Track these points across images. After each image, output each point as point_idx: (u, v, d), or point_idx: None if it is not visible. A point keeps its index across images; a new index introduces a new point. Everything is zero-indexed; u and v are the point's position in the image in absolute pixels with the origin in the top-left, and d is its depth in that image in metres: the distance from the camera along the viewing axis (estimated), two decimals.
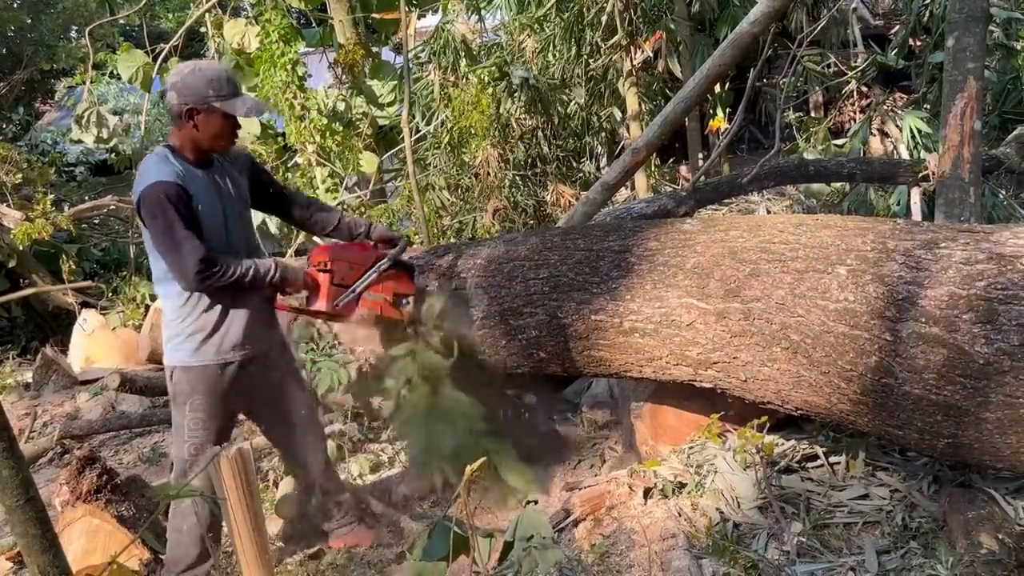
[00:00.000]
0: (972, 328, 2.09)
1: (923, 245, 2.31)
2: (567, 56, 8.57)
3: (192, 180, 2.62)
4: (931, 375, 2.15)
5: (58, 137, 12.21)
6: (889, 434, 2.40)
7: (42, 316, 7.95)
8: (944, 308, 2.15)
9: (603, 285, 2.96)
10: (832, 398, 2.43)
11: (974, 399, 2.10)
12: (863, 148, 7.64)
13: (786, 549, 2.67)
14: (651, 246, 2.93)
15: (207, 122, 2.63)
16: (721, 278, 2.65)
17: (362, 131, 8.61)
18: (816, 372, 2.42)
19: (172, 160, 2.62)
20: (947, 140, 4.06)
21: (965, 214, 3.97)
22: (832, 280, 2.39)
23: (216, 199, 2.69)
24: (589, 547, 2.80)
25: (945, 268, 2.21)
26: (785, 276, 2.50)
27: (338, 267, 2.79)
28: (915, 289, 2.22)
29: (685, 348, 2.77)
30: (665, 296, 2.79)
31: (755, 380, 2.63)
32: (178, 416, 2.74)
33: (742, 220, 2.87)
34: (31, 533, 1.93)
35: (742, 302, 2.57)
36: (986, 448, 2.16)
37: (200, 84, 2.61)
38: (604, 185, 4.53)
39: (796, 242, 2.56)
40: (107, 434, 4.90)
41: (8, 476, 1.85)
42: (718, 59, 4.23)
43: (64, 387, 5.99)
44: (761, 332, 2.52)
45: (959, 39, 4.03)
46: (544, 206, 8.00)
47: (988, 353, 2.06)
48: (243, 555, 2.41)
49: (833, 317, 2.35)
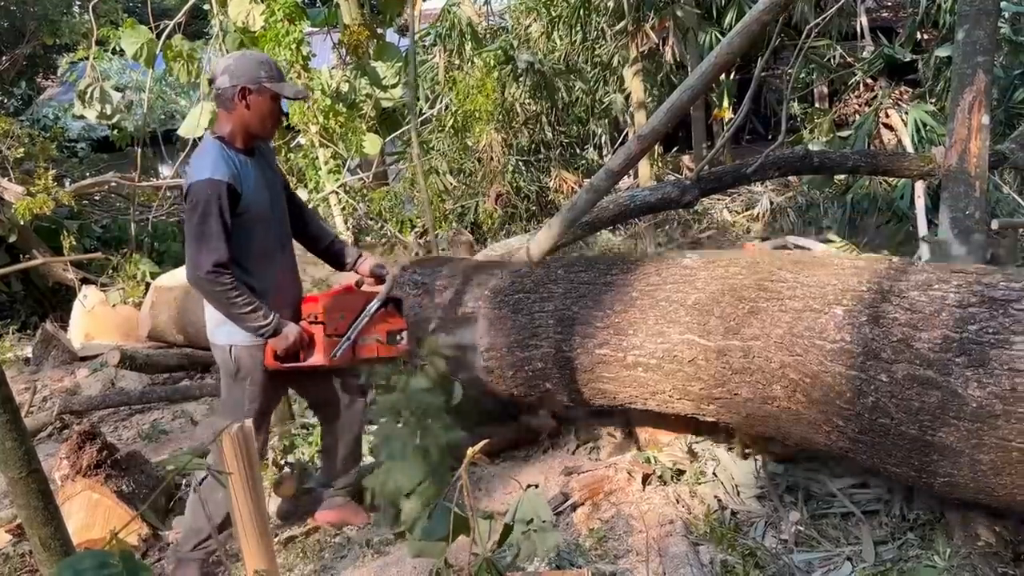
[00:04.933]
0: (965, 372, 2.13)
1: (917, 286, 2.34)
2: (573, 41, 8.53)
3: (244, 172, 2.68)
4: (926, 417, 2.20)
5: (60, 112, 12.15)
6: (887, 471, 2.45)
7: (42, 292, 7.94)
8: (938, 351, 2.19)
9: (607, 319, 3.01)
10: (831, 435, 2.48)
11: (968, 441, 2.14)
12: (868, 140, 7.62)
13: (784, 538, 2.69)
14: (653, 281, 2.98)
15: (258, 103, 2.70)
16: (721, 315, 2.69)
17: (365, 113, 8.56)
18: (815, 410, 2.46)
19: (228, 152, 2.67)
20: (954, 134, 4.05)
21: (970, 208, 3.96)
22: (829, 320, 2.43)
23: (264, 187, 2.75)
24: (587, 531, 2.81)
25: (939, 311, 2.25)
26: (783, 315, 2.54)
27: (330, 318, 2.79)
28: (910, 331, 2.26)
29: (687, 383, 2.82)
30: (667, 332, 2.84)
31: (756, 416, 2.68)
32: (237, 391, 2.79)
33: (741, 256, 2.90)
34: (33, 505, 1.93)
35: (742, 340, 2.62)
36: (981, 487, 2.22)
37: (252, 66, 2.70)
38: (608, 172, 4.49)
39: (794, 280, 2.60)
40: (106, 410, 4.90)
41: (11, 448, 1.86)
42: (726, 47, 4.19)
43: (64, 363, 5.99)
44: (761, 370, 2.56)
45: (969, 32, 4.00)
46: (547, 192, 8.00)
47: (981, 397, 2.10)
48: (243, 533, 2.42)
49: (830, 357, 2.39)
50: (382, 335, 2.92)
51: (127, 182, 8.00)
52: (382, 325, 2.92)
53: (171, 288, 5.71)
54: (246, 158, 2.72)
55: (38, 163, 7.58)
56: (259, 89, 2.68)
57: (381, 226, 7.87)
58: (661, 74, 9.16)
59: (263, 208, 2.73)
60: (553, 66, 8.18)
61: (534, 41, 8.43)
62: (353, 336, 2.82)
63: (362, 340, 2.86)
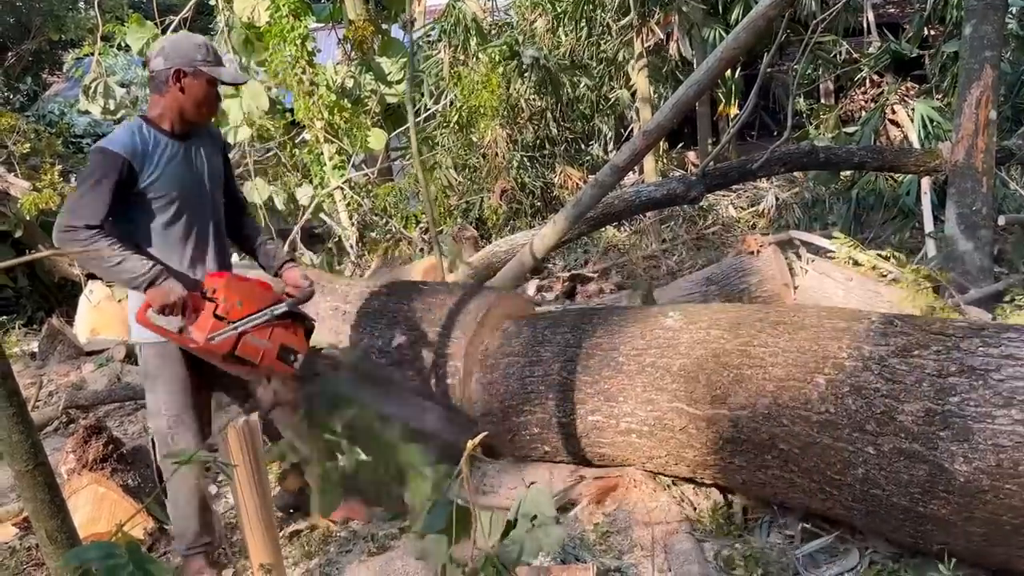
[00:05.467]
0: (950, 446, 2.13)
1: (896, 352, 2.34)
2: (578, 36, 8.51)
3: (158, 151, 2.58)
4: (916, 489, 2.20)
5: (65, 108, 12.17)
6: (884, 535, 2.48)
7: (47, 287, 7.97)
8: (921, 424, 2.19)
9: (596, 386, 3.02)
10: (826, 503, 2.49)
11: (960, 514, 2.14)
12: (875, 136, 7.60)
13: (790, 534, 2.68)
14: (638, 345, 2.97)
15: (193, 86, 2.62)
16: (707, 383, 2.69)
17: (370, 108, 8.57)
18: (807, 480, 2.47)
19: (142, 131, 2.59)
20: (961, 129, 4.04)
21: (977, 204, 3.95)
22: (813, 391, 2.43)
23: (184, 172, 2.65)
24: (592, 527, 2.81)
25: (919, 381, 2.25)
26: (767, 384, 2.54)
27: (226, 298, 2.53)
28: (892, 403, 2.26)
29: (681, 450, 2.82)
30: (656, 400, 2.84)
31: (753, 483, 2.69)
32: (151, 395, 2.72)
33: (722, 315, 2.88)
34: (40, 498, 1.93)
35: (729, 409, 2.62)
36: (976, 557, 2.24)
37: (189, 48, 2.62)
38: (614, 167, 4.50)
39: (775, 345, 2.59)
40: (112, 405, 4.91)
41: (18, 441, 1.86)
42: (732, 42, 4.19)
43: (69, 357, 6.01)
44: (751, 440, 2.57)
45: (976, 27, 3.99)
46: (551, 188, 7.99)
47: (968, 472, 2.10)
48: (249, 527, 2.42)
49: (817, 429, 2.40)
50: (276, 345, 2.61)
51: None
52: (280, 334, 2.63)
53: None
54: (169, 140, 2.62)
55: (44, 159, 7.60)
56: (195, 72, 2.61)
57: (386, 222, 7.88)
58: (666, 69, 9.14)
59: (174, 192, 2.61)
60: (558, 62, 8.16)
61: (539, 36, 8.41)
62: (240, 328, 2.53)
63: (251, 339, 2.55)
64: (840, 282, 4.22)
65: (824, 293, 4.26)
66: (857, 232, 6.63)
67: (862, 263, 4.51)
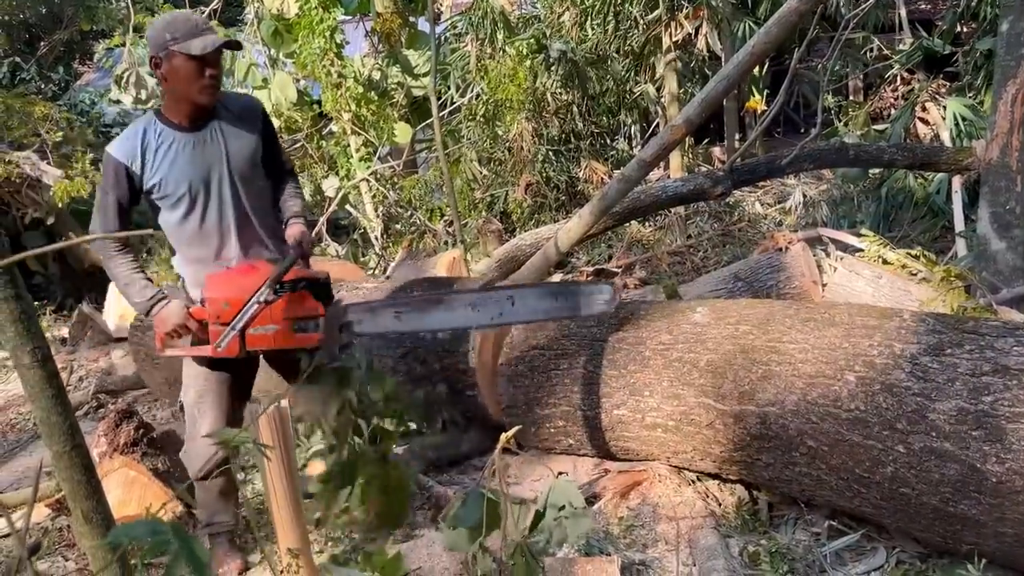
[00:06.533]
0: (983, 446, 2.11)
1: (929, 351, 2.31)
2: (605, 30, 8.47)
3: (163, 150, 2.52)
4: (947, 489, 2.18)
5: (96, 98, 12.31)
6: (912, 535, 2.46)
7: (77, 274, 8.08)
8: (953, 423, 2.17)
9: (622, 380, 3.02)
10: (854, 501, 2.47)
11: (991, 514, 2.13)
12: (905, 134, 7.51)
13: (816, 531, 2.67)
14: (665, 340, 2.96)
15: (173, 69, 2.45)
16: (735, 379, 2.68)
17: (397, 101, 8.60)
18: (835, 477, 2.45)
19: (149, 127, 2.53)
20: (996, 127, 3.98)
21: (1011, 203, 3.90)
22: (843, 388, 2.40)
23: (194, 165, 2.55)
24: (616, 520, 2.82)
25: (952, 380, 2.22)
26: (796, 381, 2.52)
27: (212, 306, 2.51)
28: (924, 402, 2.24)
29: (708, 446, 2.81)
30: (683, 395, 2.83)
31: (780, 479, 2.67)
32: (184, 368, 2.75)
33: (751, 311, 2.85)
34: (76, 479, 1.97)
35: (757, 406, 2.60)
36: (1007, 559, 2.21)
37: (159, 31, 2.46)
38: (640, 162, 4.48)
39: (805, 342, 2.57)
40: (141, 390, 4.98)
41: (56, 423, 1.89)
42: (763, 37, 4.15)
43: (99, 343, 6.10)
44: (779, 436, 2.55)
45: (1013, 23, 3.93)
46: (576, 183, 7.96)
47: (1000, 472, 2.08)
48: (277, 512, 2.45)
49: (846, 427, 2.38)
50: (281, 323, 2.51)
51: None
52: (282, 309, 2.51)
53: None
54: (177, 134, 2.53)
55: (76, 147, 7.69)
56: (168, 55, 2.43)
57: (411, 214, 7.91)
58: (693, 64, 9.08)
59: (183, 188, 2.53)
60: (585, 55, 8.13)
61: (566, 30, 8.38)
62: (239, 327, 2.48)
63: (255, 331, 2.50)
64: (869, 280, 4.18)
65: (853, 291, 4.22)
66: (886, 231, 6.56)
67: (891, 261, 4.46)
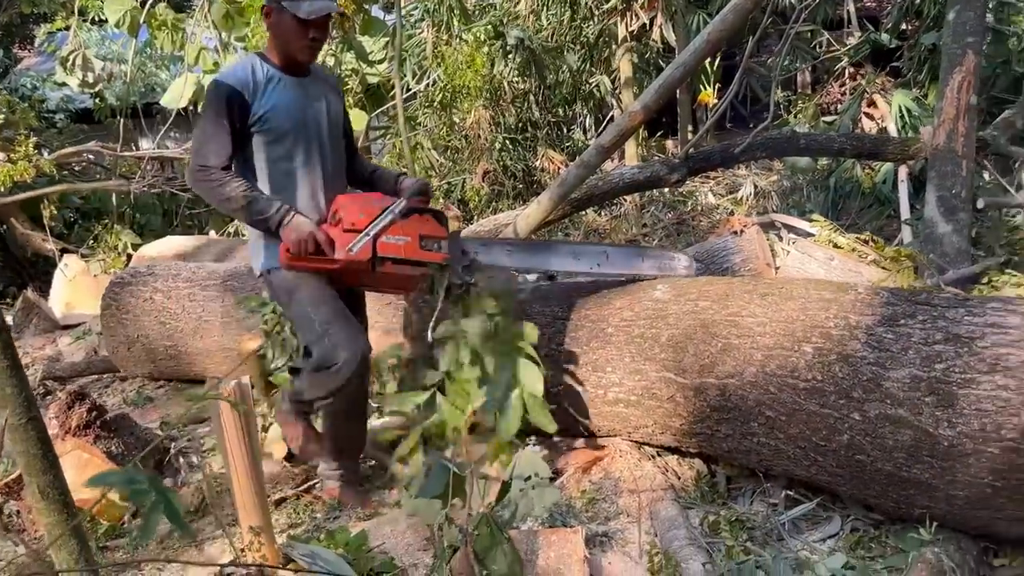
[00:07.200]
0: (935, 412, 2.18)
1: (883, 322, 2.38)
2: (560, 20, 8.50)
3: (270, 86, 2.67)
4: (900, 454, 2.26)
5: (38, 82, 11.94)
6: (868, 502, 2.53)
7: (20, 262, 7.85)
8: (907, 391, 2.24)
9: (585, 356, 3.05)
10: (811, 469, 2.53)
11: (943, 478, 2.20)
12: (853, 126, 7.69)
13: (773, 502, 2.73)
14: (626, 316, 3.00)
15: (278, 24, 2.68)
16: (695, 353, 2.73)
17: (351, 88, 8.50)
18: (793, 446, 2.51)
19: (255, 65, 2.69)
20: (943, 113, 4.11)
21: (957, 187, 4.03)
22: (800, 359, 2.46)
23: (297, 107, 2.72)
24: (579, 494, 2.84)
25: (905, 348, 2.29)
26: (755, 353, 2.57)
27: (347, 214, 2.65)
28: (878, 370, 2.31)
29: (669, 419, 2.86)
30: (644, 369, 2.87)
31: (738, 451, 2.72)
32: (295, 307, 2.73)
33: (711, 288, 2.90)
34: (32, 452, 1.93)
35: (717, 378, 2.65)
36: (959, 520, 2.29)
37: None
38: (599, 147, 4.52)
39: (763, 316, 2.62)
40: (90, 377, 4.86)
41: (11, 394, 1.85)
42: (719, 24, 4.22)
43: (45, 331, 5.93)
44: (738, 408, 2.60)
45: (960, 13, 4.06)
46: (533, 171, 7.99)
47: (952, 436, 2.15)
48: (239, 489, 2.42)
49: (803, 396, 2.43)
50: (413, 237, 2.67)
51: (108, 152, 7.90)
52: (415, 226, 2.69)
53: (154, 258, 5.66)
54: (283, 75, 2.71)
55: (18, 131, 7.46)
56: (279, 8, 2.65)
57: None
58: (648, 55, 9.17)
59: (287, 125, 2.68)
60: (542, 44, 8.15)
61: (522, 18, 8.39)
62: (373, 232, 2.62)
63: (388, 239, 2.63)
64: (822, 262, 4.28)
65: (806, 272, 4.32)
66: (835, 219, 6.70)
67: (842, 246, 4.58)
